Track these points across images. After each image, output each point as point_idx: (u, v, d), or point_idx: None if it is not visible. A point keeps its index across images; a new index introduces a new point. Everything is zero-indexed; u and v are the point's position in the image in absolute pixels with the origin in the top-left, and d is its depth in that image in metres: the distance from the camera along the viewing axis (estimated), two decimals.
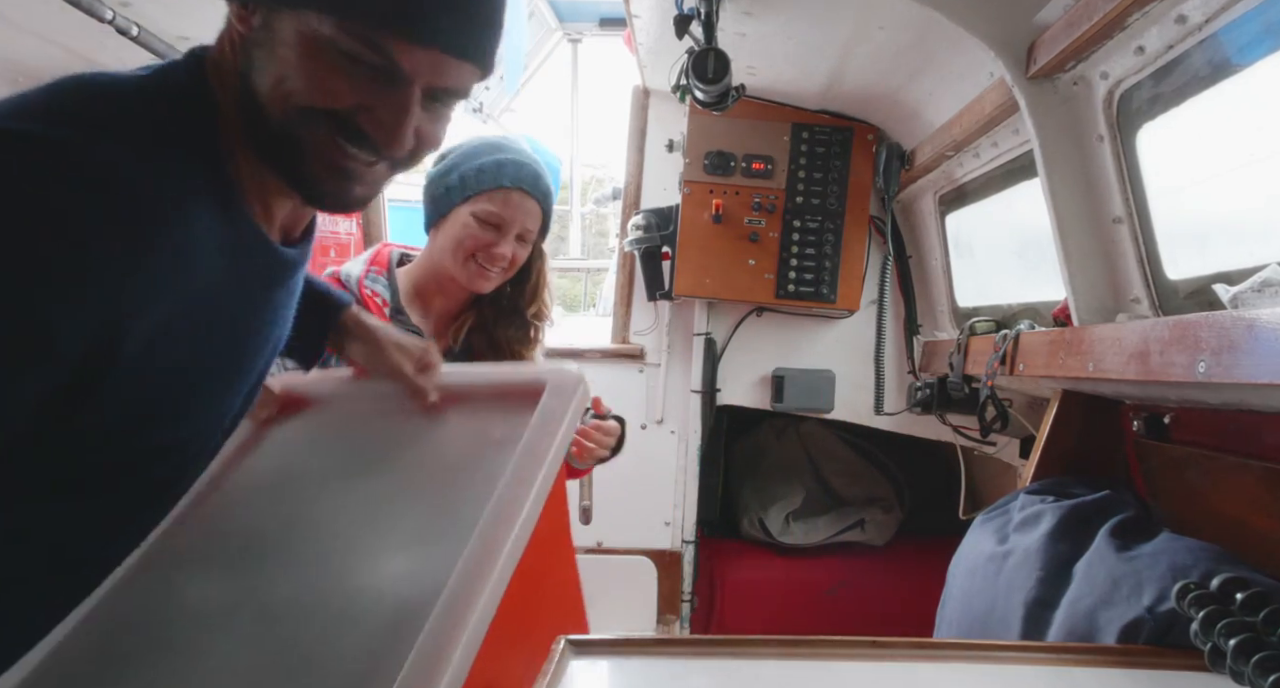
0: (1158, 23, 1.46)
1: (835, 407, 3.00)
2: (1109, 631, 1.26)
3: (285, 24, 0.84)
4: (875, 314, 2.96)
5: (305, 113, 0.85)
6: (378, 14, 0.81)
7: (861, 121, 2.83)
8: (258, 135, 0.88)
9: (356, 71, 0.83)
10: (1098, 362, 1.57)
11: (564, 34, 5.89)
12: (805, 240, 2.83)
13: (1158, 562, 1.31)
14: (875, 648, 1.13)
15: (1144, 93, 1.62)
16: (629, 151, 3.10)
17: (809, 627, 1.53)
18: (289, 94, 0.84)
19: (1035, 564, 1.51)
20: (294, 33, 0.84)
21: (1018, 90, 1.78)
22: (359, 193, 0.91)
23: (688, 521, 3.06)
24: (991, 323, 2.33)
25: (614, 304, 3.18)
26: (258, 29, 0.87)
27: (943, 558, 1.83)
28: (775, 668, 1.08)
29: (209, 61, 0.92)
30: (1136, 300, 1.72)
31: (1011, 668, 1.14)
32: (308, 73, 0.83)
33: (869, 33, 2.16)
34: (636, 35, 2.54)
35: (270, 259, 0.95)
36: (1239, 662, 1.04)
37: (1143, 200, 1.69)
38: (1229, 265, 1.48)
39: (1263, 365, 1.13)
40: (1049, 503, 1.64)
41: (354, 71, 0.84)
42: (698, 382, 3.01)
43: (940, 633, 1.75)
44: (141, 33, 2.27)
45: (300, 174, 0.88)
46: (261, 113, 0.86)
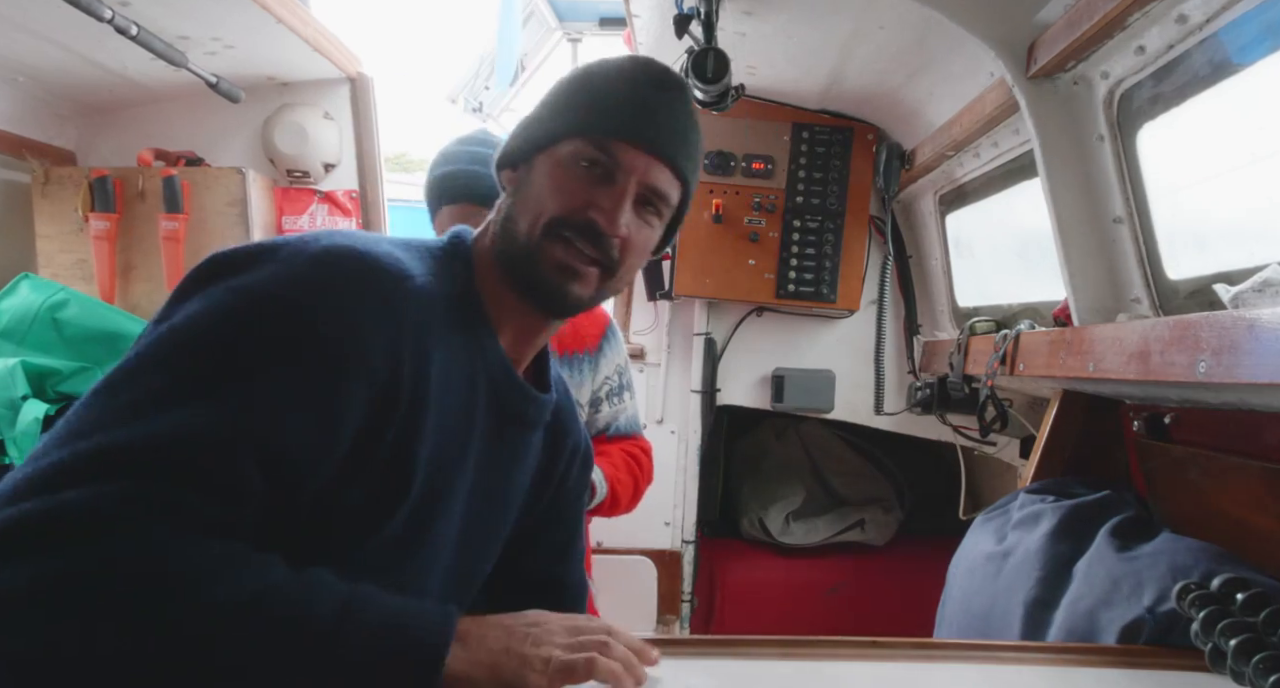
0: (1158, 22, 1.46)
1: (835, 407, 3.00)
2: (1109, 631, 1.26)
3: (541, 162, 1.04)
4: (875, 314, 2.96)
5: (548, 225, 1.01)
6: (610, 127, 1.02)
7: (861, 121, 2.83)
8: (507, 262, 1.04)
9: (590, 176, 1.02)
10: (1098, 362, 1.57)
11: (564, 34, 5.88)
12: (805, 240, 2.83)
13: (1158, 562, 1.31)
14: (875, 648, 1.13)
15: (1144, 92, 1.61)
16: None
17: (809, 627, 1.54)
18: (538, 215, 1.02)
19: (1035, 564, 1.51)
20: (547, 165, 1.03)
21: (1018, 90, 1.78)
22: (577, 291, 1.03)
23: (688, 521, 3.06)
24: (991, 323, 2.33)
25: (614, 304, 3.17)
26: (521, 179, 1.06)
27: (943, 558, 1.83)
28: (775, 668, 1.08)
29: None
30: (1137, 300, 1.72)
31: (1011, 668, 1.14)
32: (553, 189, 1.02)
33: (869, 32, 2.16)
34: (636, 35, 2.53)
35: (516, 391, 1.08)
36: (1239, 662, 1.04)
37: (1143, 200, 1.69)
38: (1229, 265, 1.47)
39: (1263, 365, 1.13)
40: (1049, 503, 1.64)
41: (588, 176, 1.02)
42: (698, 382, 3.01)
43: (940, 633, 1.75)
44: (141, 32, 2.27)
45: (531, 276, 1.02)
46: (514, 242, 1.03)
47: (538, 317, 1.07)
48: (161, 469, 0.78)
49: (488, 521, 1.12)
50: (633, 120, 1.02)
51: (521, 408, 1.09)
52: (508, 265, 1.04)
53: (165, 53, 2.41)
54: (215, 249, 0.95)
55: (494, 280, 1.05)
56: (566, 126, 1.03)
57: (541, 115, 1.07)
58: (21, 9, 2.20)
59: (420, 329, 0.94)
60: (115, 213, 2.71)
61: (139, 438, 0.78)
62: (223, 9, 2.32)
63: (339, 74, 2.96)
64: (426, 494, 0.97)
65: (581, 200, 1.01)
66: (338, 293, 0.89)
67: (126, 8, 2.21)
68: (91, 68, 2.60)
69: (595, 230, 1.01)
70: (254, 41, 2.56)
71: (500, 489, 1.12)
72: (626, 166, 1.02)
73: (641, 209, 1.04)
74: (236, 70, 2.73)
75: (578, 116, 1.03)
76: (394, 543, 0.96)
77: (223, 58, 2.63)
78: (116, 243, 2.73)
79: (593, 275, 1.03)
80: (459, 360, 1.00)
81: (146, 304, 2.73)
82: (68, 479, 0.75)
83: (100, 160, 2.93)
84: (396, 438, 0.92)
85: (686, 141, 1.06)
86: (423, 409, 0.94)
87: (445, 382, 0.97)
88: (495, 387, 1.05)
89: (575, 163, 1.02)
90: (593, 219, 1.01)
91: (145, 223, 2.72)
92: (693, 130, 1.07)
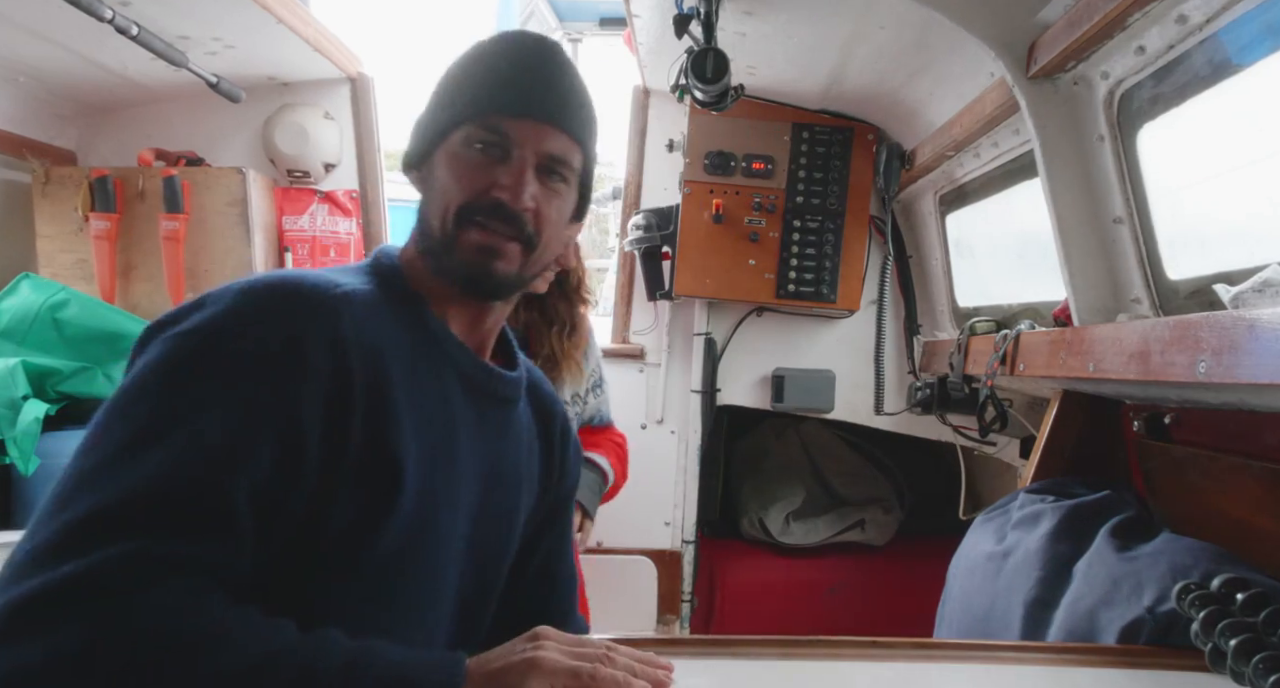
0: (1158, 23, 1.46)
1: (835, 407, 3.00)
2: (1109, 631, 1.26)
3: (439, 156, 1.06)
4: (875, 314, 2.96)
5: (458, 215, 1.03)
6: (494, 106, 1.03)
7: (861, 121, 2.83)
8: (432, 258, 1.06)
9: (485, 159, 1.03)
10: (1098, 362, 1.57)
11: (564, 34, 5.88)
12: (805, 240, 2.83)
13: (1158, 562, 1.31)
14: (875, 648, 1.13)
15: (1144, 93, 1.61)
16: (629, 151, 3.10)
17: (809, 627, 1.53)
18: (445, 207, 1.03)
19: (1035, 564, 1.51)
20: (445, 157, 1.05)
21: (1018, 90, 1.78)
22: (502, 268, 1.04)
23: (688, 521, 3.06)
24: (991, 323, 2.33)
25: (614, 304, 3.18)
26: (426, 177, 1.08)
27: (943, 558, 1.83)
28: (775, 668, 1.08)
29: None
30: (1137, 300, 1.72)
31: (1011, 668, 1.14)
32: (454, 179, 1.04)
33: (869, 32, 2.16)
34: (636, 35, 2.53)
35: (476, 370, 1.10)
36: (1240, 662, 1.04)
37: (1143, 200, 1.69)
38: (1230, 265, 1.47)
39: (1263, 365, 1.13)
40: (1049, 503, 1.64)
41: (483, 160, 1.03)
42: (698, 381, 3.01)
43: (940, 633, 1.75)
44: (141, 32, 2.27)
45: (454, 264, 1.04)
46: (431, 237, 1.05)
47: (477, 302, 1.09)
48: (149, 522, 0.80)
49: (501, 505, 1.13)
50: (514, 94, 1.04)
51: (494, 387, 1.11)
52: (433, 261, 1.06)
53: (166, 53, 2.41)
54: (215, 249, 0.98)
55: (428, 278, 1.07)
56: (454, 116, 1.05)
57: (431, 111, 1.09)
58: (22, 9, 2.20)
59: (361, 330, 0.95)
60: (115, 213, 2.71)
61: (118, 497, 0.80)
62: (223, 9, 2.32)
63: (339, 74, 2.96)
64: (424, 491, 0.98)
65: (483, 182, 1.03)
66: (267, 312, 0.92)
67: (127, 8, 2.21)
68: (92, 68, 2.60)
69: (504, 209, 1.02)
70: (254, 41, 2.56)
71: (504, 472, 1.14)
72: (519, 140, 1.03)
73: (546, 178, 1.06)
74: (237, 70, 2.73)
75: (463, 103, 1.04)
76: (400, 539, 0.97)
77: (223, 58, 2.63)
78: (117, 243, 2.73)
79: (514, 250, 1.04)
80: (420, 357, 1.02)
81: (147, 304, 2.73)
82: (65, 551, 0.77)
83: (100, 160, 2.93)
84: (366, 438, 0.93)
85: (571, 104, 1.07)
86: (388, 407, 0.95)
87: (410, 379, 0.99)
88: (463, 374, 1.07)
89: (469, 148, 1.03)
90: (497, 198, 1.02)
91: (145, 223, 2.73)
92: (576, 91, 1.07)
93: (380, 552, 0.95)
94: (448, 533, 1.04)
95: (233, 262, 2.73)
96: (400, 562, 0.98)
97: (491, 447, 1.11)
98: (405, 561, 0.99)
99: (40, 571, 0.76)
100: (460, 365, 1.07)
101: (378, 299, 1.02)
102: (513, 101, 1.03)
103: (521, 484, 1.17)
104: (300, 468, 0.89)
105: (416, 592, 1.02)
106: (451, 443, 1.04)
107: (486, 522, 1.11)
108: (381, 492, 0.95)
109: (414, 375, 1.00)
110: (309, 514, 0.91)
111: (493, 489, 1.11)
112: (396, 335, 1.01)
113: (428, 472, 0.99)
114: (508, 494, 1.15)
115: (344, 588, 0.95)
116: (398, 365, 0.98)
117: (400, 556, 0.98)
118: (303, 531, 0.91)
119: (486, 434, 1.10)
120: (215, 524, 0.83)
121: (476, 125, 1.03)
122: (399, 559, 0.98)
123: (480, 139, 1.03)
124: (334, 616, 0.92)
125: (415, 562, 1.00)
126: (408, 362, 1.00)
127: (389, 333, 1.00)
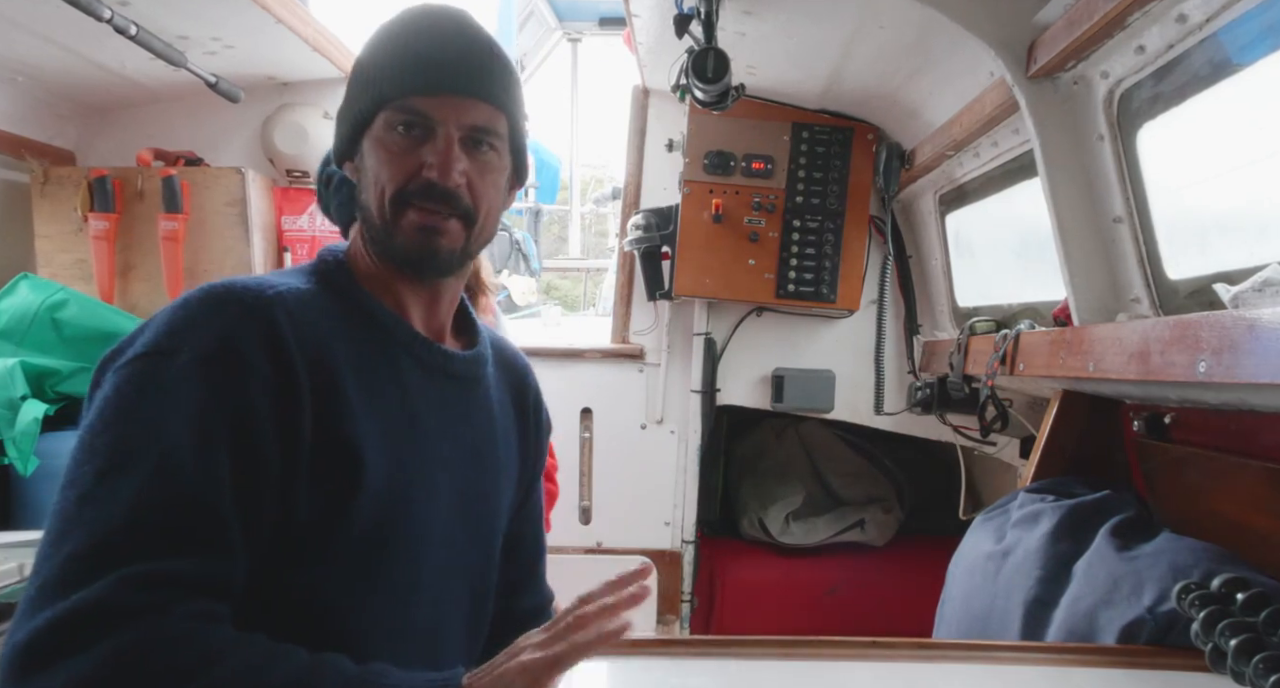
0: (1158, 22, 1.46)
1: (835, 407, 2.99)
2: (1109, 630, 1.26)
3: (366, 145, 1.06)
4: (875, 314, 2.96)
5: (393, 201, 1.03)
6: (408, 87, 1.03)
7: (861, 121, 2.83)
8: (375, 247, 1.07)
9: (409, 140, 1.03)
10: (1098, 361, 1.57)
11: (564, 34, 5.89)
12: (805, 240, 2.83)
13: (1158, 562, 1.31)
14: (875, 648, 1.13)
15: (1144, 92, 1.61)
16: (629, 151, 3.10)
17: (809, 627, 1.53)
18: (380, 194, 1.04)
19: (1035, 564, 1.51)
20: (370, 145, 1.05)
21: (1018, 90, 1.78)
22: (445, 245, 1.05)
23: (688, 521, 3.06)
24: (991, 323, 2.33)
25: (614, 304, 3.17)
26: (359, 168, 1.07)
27: (942, 558, 1.83)
28: (775, 668, 1.08)
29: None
30: (1137, 300, 1.72)
31: (1011, 668, 1.14)
32: (383, 165, 1.04)
33: (869, 32, 2.16)
34: (636, 35, 2.53)
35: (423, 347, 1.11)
36: (1240, 662, 1.04)
37: (1143, 200, 1.69)
38: (1229, 265, 1.47)
39: (1263, 365, 1.13)
40: (1049, 503, 1.64)
41: (407, 142, 1.03)
42: (698, 382, 3.00)
43: (940, 633, 1.75)
44: (140, 32, 2.27)
45: (397, 248, 1.05)
46: (372, 226, 1.06)
47: (427, 284, 1.10)
48: (136, 546, 0.84)
49: (483, 484, 1.15)
50: (426, 72, 1.03)
51: (452, 368, 1.12)
52: (378, 248, 1.07)
53: (165, 52, 2.41)
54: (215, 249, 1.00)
55: (377, 268, 1.08)
56: (372, 103, 1.05)
57: (350, 100, 1.08)
58: (21, 9, 2.20)
59: (298, 325, 0.97)
60: (114, 213, 2.71)
61: (103, 529, 0.84)
62: (222, 9, 2.32)
63: (339, 74, 2.96)
64: (391, 473, 1.00)
65: (412, 164, 1.03)
66: (199, 321, 0.94)
67: (126, 7, 2.21)
68: (91, 67, 2.60)
69: (435, 189, 1.03)
70: (254, 41, 2.56)
71: (483, 452, 1.15)
72: (439, 118, 1.03)
73: (474, 151, 1.05)
74: (236, 70, 2.73)
75: (378, 89, 1.04)
76: (373, 519, 0.99)
77: (222, 57, 2.63)
78: (116, 243, 2.73)
79: (455, 228, 1.05)
80: (368, 346, 1.04)
81: (146, 304, 2.73)
82: (68, 585, 0.81)
83: (99, 160, 2.93)
84: (320, 428, 0.95)
85: (487, 72, 1.06)
86: (337, 396, 0.97)
87: (360, 368, 1.01)
88: (417, 358, 1.08)
89: (392, 132, 1.04)
90: (428, 178, 1.02)
91: (144, 223, 2.72)
92: (491, 58, 1.07)
93: (356, 534, 0.97)
94: (425, 513, 1.05)
95: (232, 262, 2.73)
96: (379, 542, 1.00)
97: (462, 428, 1.12)
98: (385, 541, 1.00)
99: (49, 604, 0.81)
100: (412, 350, 1.08)
101: (317, 295, 1.03)
102: (427, 80, 1.03)
103: (500, 464, 1.18)
104: (262, 461, 0.91)
105: (401, 572, 1.03)
106: (414, 426, 1.05)
107: (471, 501, 1.12)
108: (344, 476, 0.97)
109: (364, 364, 1.02)
110: (282, 507, 0.93)
111: (472, 469, 1.12)
112: (340, 328, 1.02)
113: (391, 454, 1.01)
114: (488, 473, 1.16)
115: (326, 574, 0.97)
116: (344, 356, 1.00)
117: (377, 536, 0.99)
118: (278, 525, 0.93)
119: (454, 416, 1.11)
120: (199, 534, 0.87)
121: (394, 109, 1.03)
122: (377, 540, 1.00)
123: (401, 122, 1.03)
124: (326, 603, 0.96)
125: (395, 542, 1.02)
126: (355, 352, 1.02)
127: (331, 326, 1.01)
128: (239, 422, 0.90)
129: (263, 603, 0.93)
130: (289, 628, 0.92)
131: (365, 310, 1.06)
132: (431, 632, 1.08)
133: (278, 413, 0.93)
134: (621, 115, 3.11)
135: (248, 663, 0.82)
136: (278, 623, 0.92)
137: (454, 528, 1.09)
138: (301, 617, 0.96)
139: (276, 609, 0.95)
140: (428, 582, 1.06)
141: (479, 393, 1.16)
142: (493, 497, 1.17)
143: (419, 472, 1.04)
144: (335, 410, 0.96)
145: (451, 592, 1.10)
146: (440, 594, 1.08)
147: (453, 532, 1.09)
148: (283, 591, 0.95)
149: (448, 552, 1.08)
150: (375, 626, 1.01)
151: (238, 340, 0.93)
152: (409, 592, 1.04)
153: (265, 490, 0.91)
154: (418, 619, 1.05)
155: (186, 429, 0.88)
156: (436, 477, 1.07)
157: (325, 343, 0.99)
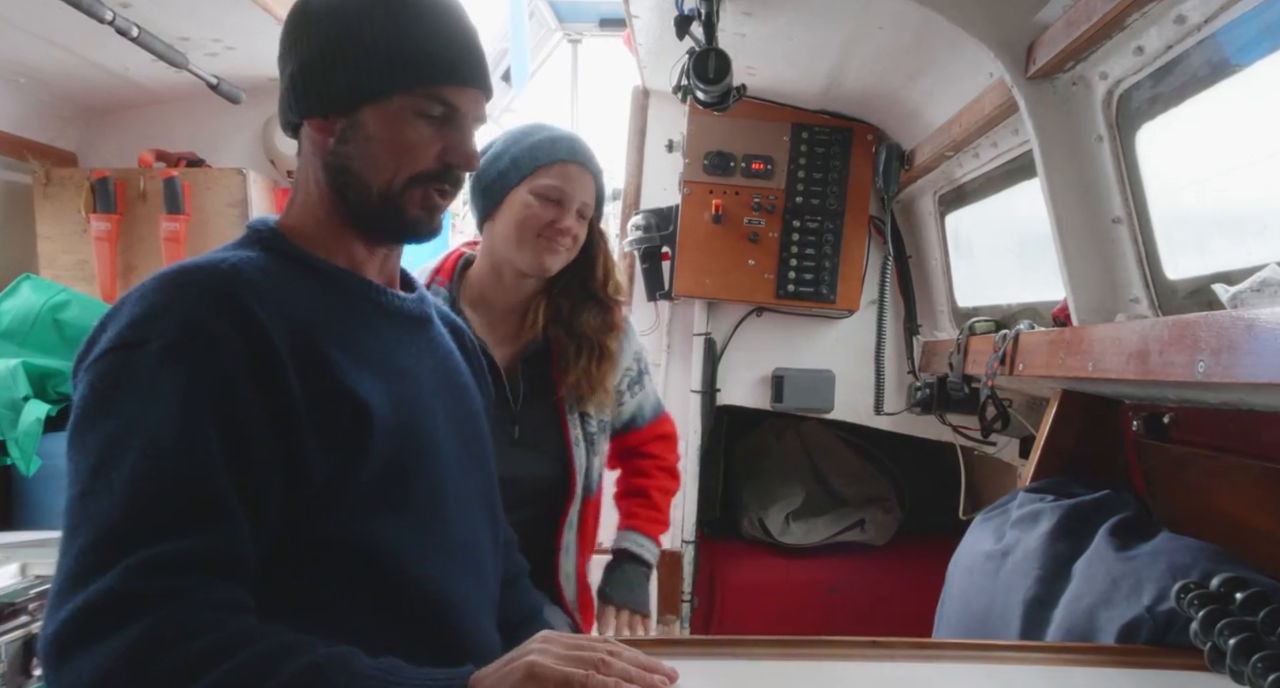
0: (1157, 23, 1.46)
1: (835, 407, 2.99)
2: (1108, 630, 1.26)
3: (373, 117, 1.07)
4: (875, 314, 2.96)
5: (410, 180, 1.08)
6: (440, 76, 1.07)
7: (861, 121, 2.83)
8: (362, 214, 1.10)
9: (433, 126, 1.08)
10: (1097, 361, 1.57)
11: (564, 34, 5.88)
12: (805, 240, 2.83)
13: (1157, 561, 1.32)
14: (875, 648, 1.13)
15: (1143, 93, 1.62)
16: (629, 152, 3.10)
17: (809, 627, 1.54)
18: (395, 171, 1.07)
19: (1034, 563, 1.51)
20: (384, 119, 1.07)
21: (1017, 90, 1.78)
22: (439, 220, 1.13)
23: (688, 521, 3.05)
24: (991, 323, 2.33)
25: None
26: (348, 132, 1.08)
27: (942, 558, 1.83)
28: (775, 668, 1.08)
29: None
30: (1136, 300, 1.72)
31: (1011, 668, 1.14)
32: (406, 145, 1.07)
33: (869, 33, 2.16)
34: (636, 36, 2.53)
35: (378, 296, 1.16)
36: (1239, 661, 1.05)
37: (1142, 200, 1.69)
38: (1228, 265, 1.48)
39: (1262, 365, 1.13)
40: (1048, 502, 1.64)
41: (433, 127, 1.08)
42: (698, 382, 3.00)
43: (939, 632, 1.75)
44: (141, 34, 2.27)
45: (396, 221, 1.10)
46: (367, 195, 1.08)
47: (390, 245, 1.17)
48: (141, 533, 0.86)
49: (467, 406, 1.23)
50: (458, 65, 1.09)
51: (408, 309, 1.18)
52: (363, 216, 1.10)
53: (166, 54, 2.41)
54: None
55: (325, 232, 1.12)
56: (394, 81, 1.06)
57: (354, 60, 1.05)
58: (23, 11, 2.20)
59: (259, 293, 0.99)
60: (116, 214, 2.72)
61: (107, 520, 0.87)
62: (223, 10, 2.32)
63: None
64: (392, 403, 1.05)
65: (437, 149, 1.09)
66: (159, 307, 0.97)
67: (127, 9, 2.22)
68: (92, 69, 2.60)
69: (454, 174, 1.11)
70: (254, 43, 2.56)
71: (455, 380, 1.24)
72: (463, 109, 1.10)
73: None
74: (237, 71, 2.73)
75: (406, 69, 1.06)
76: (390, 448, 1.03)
77: (223, 59, 2.63)
78: (117, 244, 2.73)
79: (448, 203, 1.14)
80: (329, 300, 1.08)
81: None
82: (86, 577, 0.85)
83: (101, 161, 2.93)
84: (311, 385, 0.98)
85: (485, 63, 1.14)
86: (318, 352, 1.00)
87: (328, 321, 1.04)
88: (376, 304, 1.13)
89: (418, 118, 1.08)
90: (449, 163, 1.10)
91: (146, 224, 2.73)
92: (482, 49, 1.13)
93: (380, 472, 1.02)
94: (432, 439, 1.10)
95: None
96: (401, 476, 1.05)
97: (432, 360, 1.19)
98: (406, 473, 1.05)
99: (70, 598, 0.84)
100: (371, 297, 1.13)
101: (269, 262, 1.06)
102: (459, 73, 1.09)
103: (470, 391, 1.26)
104: (251, 431, 0.93)
105: (428, 499, 1.08)
106: (394, 363, 1.10)
107: (462, 424, 1.19)
108: (351, 422, 1.00)
109: (332, 316, 1.06)
110: (290, 468, 0.96)
111: (452, 396, 1.19)
112: (300, 287, 1.05)
113: (386, 392, 1.05)
114: (465, 398, 1.23)
115: (360, 513, 1.01)
116: (312, 312, 1.03)
117: (399, 470, 1.04)
118: (297, 483, 0.96)
119: (421, 350, 1.17)
120: (198, 513, 0.89)
121: (424, 96, 1.07)
122: (399, 474, 1.04)
123: (433, 112, 1.07)
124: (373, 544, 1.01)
125: (415, 471, 1.07)
126: (320, 306, 1.05)
127: (293, 287, 1.04)
128: (219, 397, 0.92)
129: (311, 552, 0.97)
130: (345, 571, 0.97)
131: (318, 269, 1.09)
132: (469, 548, 1.14)
133: (258, 381, 0.95)
134: (622, 116, 3.12)
135: (261, 655, 0.84)
136: (333, 567, 0.98)
137: (459, 451, 1.15)
138: (352, 558, 1.00)
139: (329, 555, 0.99)
140: (453, 503, 1.12)
141: (433, 330, 1.23)
142: (476, 419, 1.25)
143: (415, 403, 1.10)
144: (320, 365, 0.99)
145: (474, 511, 1.17)
146: (466, 514, 1.14)
147: (459, 455, 1.15)
148: (328, 539, 0.99)
149: (460, 473, 1.14)
150: (421, 552, 1.06)
151: (203, 319, 0.94)
152: (439, 515, 1.09)
153: (262, 459, 0.94)
154: (456, 537, 1.11)
155: (168, 413, 0.90)
156: (430, 404, 1.13)
157: (291, 304, 1.01)
